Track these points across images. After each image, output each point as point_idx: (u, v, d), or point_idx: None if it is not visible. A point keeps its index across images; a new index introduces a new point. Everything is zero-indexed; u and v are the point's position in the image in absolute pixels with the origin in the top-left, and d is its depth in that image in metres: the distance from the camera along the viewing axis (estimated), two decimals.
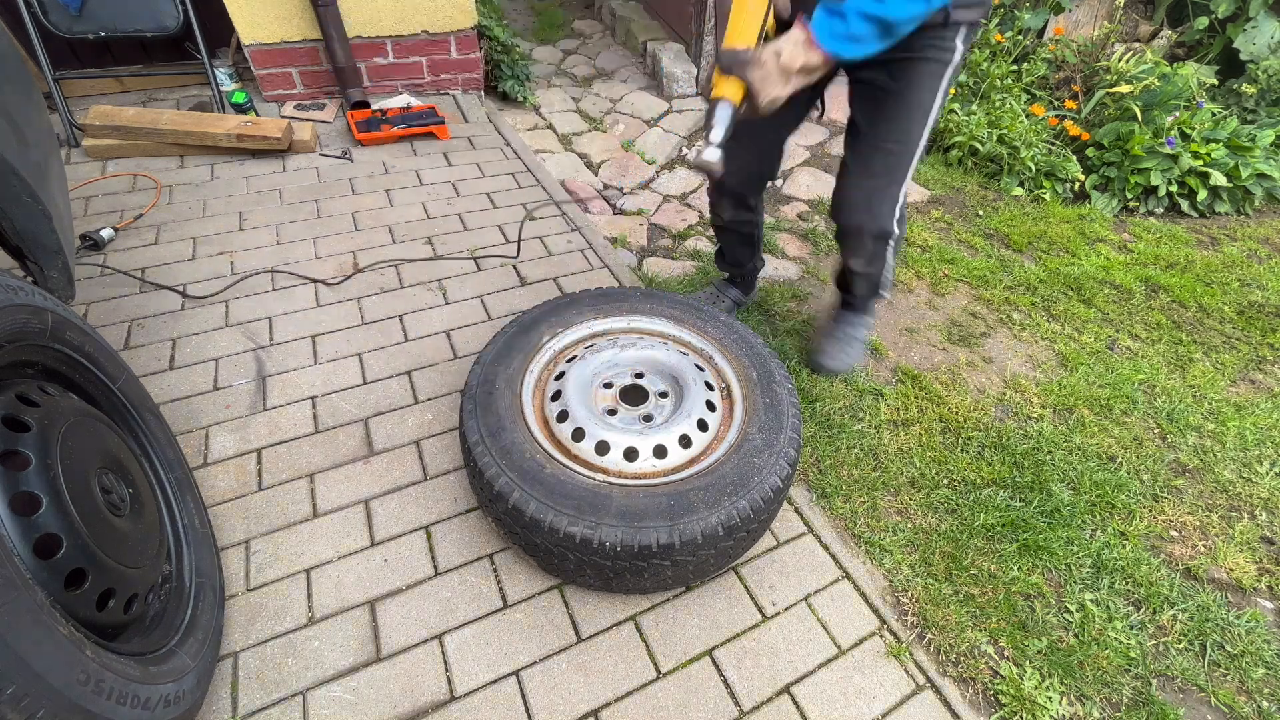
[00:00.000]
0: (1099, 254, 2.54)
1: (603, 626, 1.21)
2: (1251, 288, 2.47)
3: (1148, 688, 1.23)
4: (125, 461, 1.05)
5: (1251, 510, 1.61)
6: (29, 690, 0.65)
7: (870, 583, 1.34)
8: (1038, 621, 1.31)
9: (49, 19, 2.22)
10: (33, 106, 1.31)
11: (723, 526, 1.10)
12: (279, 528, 1.31)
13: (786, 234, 2.49)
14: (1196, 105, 3.06)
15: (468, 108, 2.95)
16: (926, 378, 1.86)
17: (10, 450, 0.82)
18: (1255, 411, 1.88)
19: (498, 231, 2.21)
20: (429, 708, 1.08)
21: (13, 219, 1.17)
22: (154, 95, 2.80)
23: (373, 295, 1.89)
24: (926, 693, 1.18)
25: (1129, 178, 2.86)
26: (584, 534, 1.07)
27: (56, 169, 1.38)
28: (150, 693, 0.83)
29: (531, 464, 1.14)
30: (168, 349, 1.66)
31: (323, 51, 2.66)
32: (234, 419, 1.51)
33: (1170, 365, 2.04)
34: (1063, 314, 2.21)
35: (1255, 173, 2.91)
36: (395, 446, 1.48)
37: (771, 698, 1.15)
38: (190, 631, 1.02)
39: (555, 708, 1.10)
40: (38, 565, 0.79)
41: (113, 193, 2.20)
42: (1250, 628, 1.34)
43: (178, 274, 1.89)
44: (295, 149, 2.50)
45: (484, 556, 1.30)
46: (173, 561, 1.10)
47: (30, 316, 0.92)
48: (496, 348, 1.36)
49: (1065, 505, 1.53)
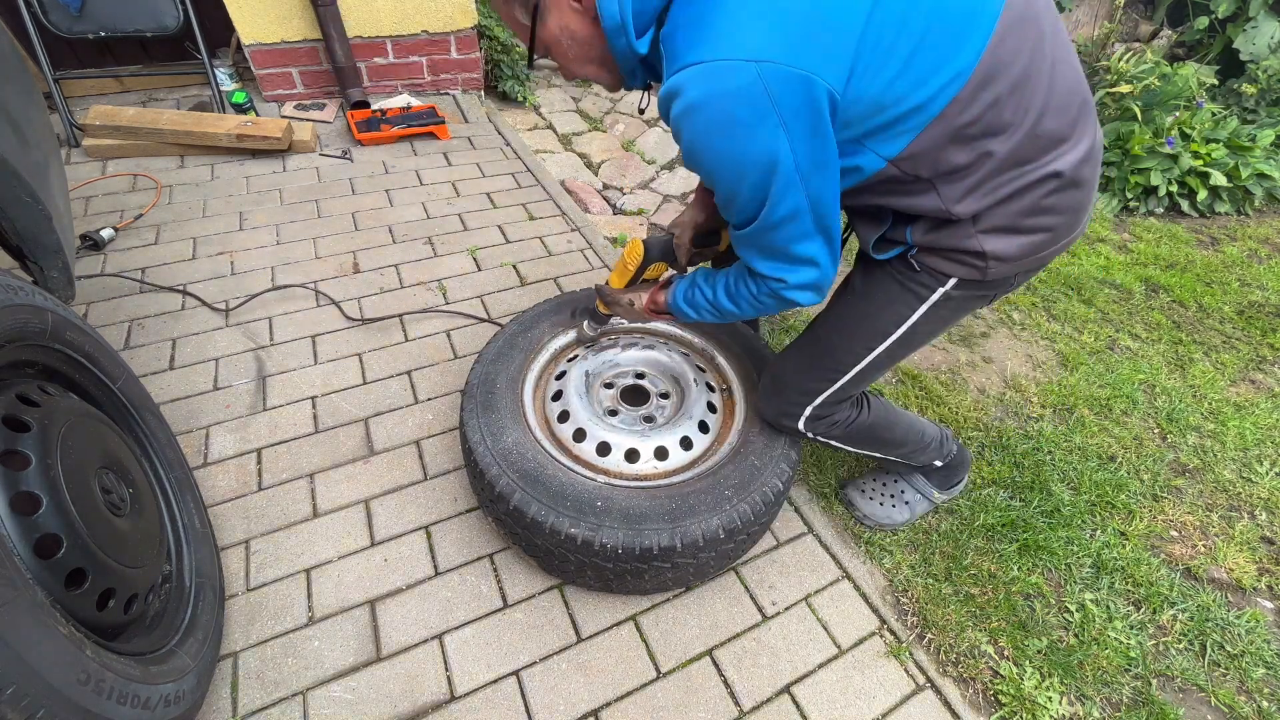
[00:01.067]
0: (1099, 254, 2.54)
1: (603, 626, 1.21)
2: (1251, 288, 2.47)
3: (1148, 688, 1.23)
4: (125, 461, 1.05)
5: (1251, 510, 1.61)
6: (29, 690, 0.65)
7: (870, 582, 1.34)
8: (1038, 621, 1.31)
9: (49, 19, 2.22)
10: (33, 106, 1.31)
11: (723, 529, 1.09)
12: (279, 528, 1.31)
13: None
14: (1196, 105, 3.06)
15: (468, 108, 2.95)
16: (926, 377, 1.86)
17: (10, 450, 0.81)
18: (1255, 411, 1.88)
19: (498, 231, 2.21)
20: (429, 708, 1.08)
21: (13, 219, 1.17)
22: (154, 95, 2.79)
23: (372, 295, 1.89)
24: (926, 693, 1.18)
25: (1129, 177, 2.86)
26: (585, 536, 1.06)
27: (56, 169, 1.37)
28: (150, 692, 0.83)
29: (533, 465, 1.14)
30: (168, 349, 1.66)
31: (323, 51, 2.66)
32: (234, 419, 1.50)
33: (1170, 365, 2.04)
34: (1063, 314, 2.21)
35: (1255, 173, 2.91)
36: (395, 446, 1.48)
37: (771, 698, 1.15)
38: (190, 631, 1.02)
39: (555, 708, 1.10)
40: (38, 565, 0.78)
41: (113, 193, 2.20)
42: (1250, 628, 1.34)
43: (178, 274, 1.89)
44: (295, 149, 2.50)
45: (484, 556, 1.30)
46: (173, 561, 1.10)
47: (30, 316, 0.92)
48: (496, 347, 1.36)
49: (1065, 505, 1.53)
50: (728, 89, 0.71)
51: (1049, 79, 0.79)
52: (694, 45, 0.73)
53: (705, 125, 0.75)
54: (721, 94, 0.72)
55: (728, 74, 0.71)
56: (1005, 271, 0.92)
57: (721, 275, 1.05)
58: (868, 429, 1.21)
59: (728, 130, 0.75)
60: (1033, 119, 0.80)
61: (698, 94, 0.73)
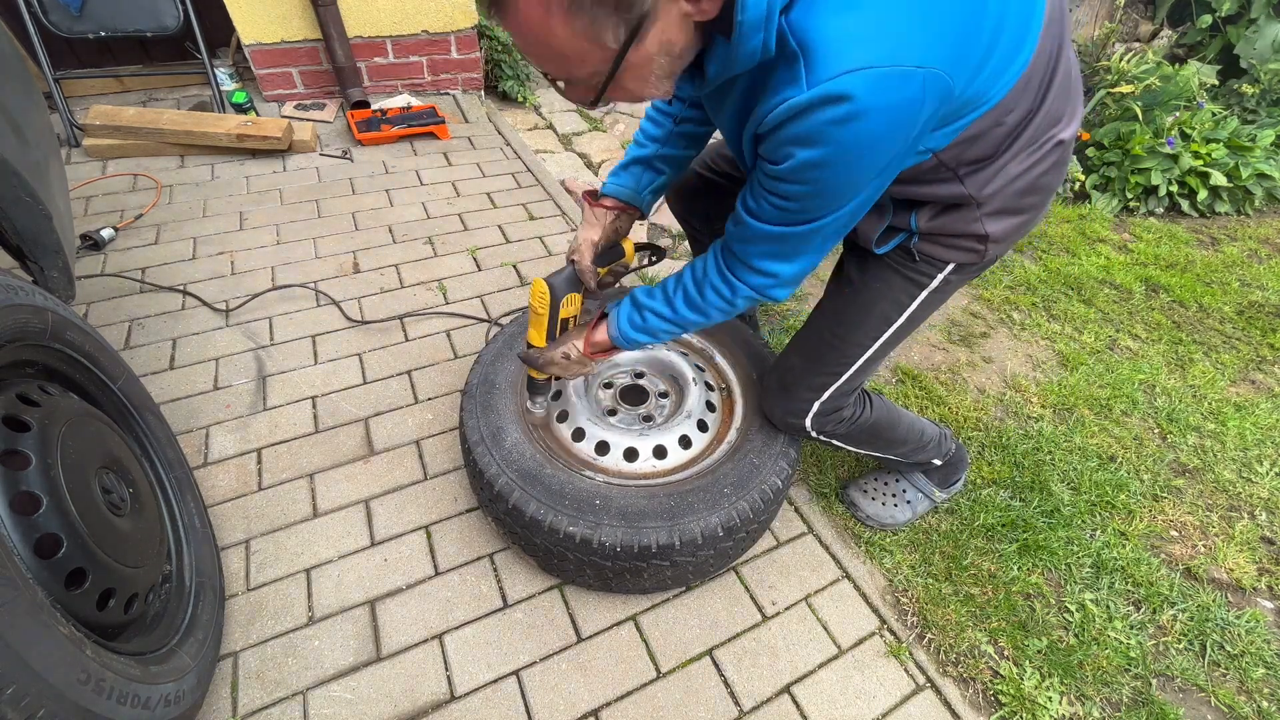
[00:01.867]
0: (1099, 254, 2.54)
1: (603, 626, 1.21)
2: (1251, 288, 2.47)
3: (1148, 688, 1.23)
4: (125, 461, 1.05)
5: (1251, 510, 1.61)
6: (29, 690, 0.65)
7: (870, 582, 1.34)
8: (1038, 621, 1.31)
9: (49, 19, 2.22)
10: (33, 106, 1.31)
11: (722, 527, 1.10)
12: (279, 527, 1.31)
13: None
14: (1197, 105, 3.06)
15: (468, 107, 2.95)
16: (926, 377, 1.86)
17: (10, 450, 0.82)
18: (1255, 411, 1.88)
19: (498, 231, 2.21)
20: (429, 707, 1.08)
21: (13, 219, 1.17)
22: (154, 95, 2.80)
23: (373, 295, 1.89)
24: (926, 692, 1.18)
25: (1129, 177, 2.86)
26: (584, 534, 1.07)
27: (57, 169, 1.38)
28: (150, 692, 0.83)
29: (532, 464, 1.14)
30: (168, 349, 1.66)
31: (323, 51, 2.66)
32: (234, 419, 1.51)
33: (1170, 365, 2.04)
34: (1063, 314, 2.21)
35: (1255, 173, 2.91)
36: (395, 446, 1.48)
37: (771, 697, 1.15)
38: (190, 631, 1.02)
39: (555, 707, 1.10)
40: (38, 565, 0.79)
41: (113, 193, 2.20)
42: (1250, 628, 1.34)
43: (178, 274, 1.89)
44: (295, 149, 2.50)
45: (484, 556, 1.30)
46: (173, 561, 1.10)
47: (31, 316, 0.92)
48: (496, 347, 1.36)
49: (1065, 505, 1.53)
50: (898, 99, 0.64)
51: (1067, 62, 0.81)
52: (854, 44, 0.62)
53: (858, 136, 0.66)
54: (890, 105, 0.64)
55: (902, 83, 0.63)
56: (998, 252, 0.94)
57: (674, 290, 0.98)
58: (870, 427, 1.22)
59: (880, 142, 0.68)
60: (1050, 101, 0.81)
61: (868, 102, 0.63)
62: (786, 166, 0.71)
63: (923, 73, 0.64)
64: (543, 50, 0.64)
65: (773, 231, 0.83)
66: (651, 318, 1.00)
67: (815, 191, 0.75)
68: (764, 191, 0.79)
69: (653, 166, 1.11)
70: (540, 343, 1.10)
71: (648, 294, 1.02)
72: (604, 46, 0.63)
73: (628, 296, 1.05)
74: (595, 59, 0.64)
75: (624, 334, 1.04)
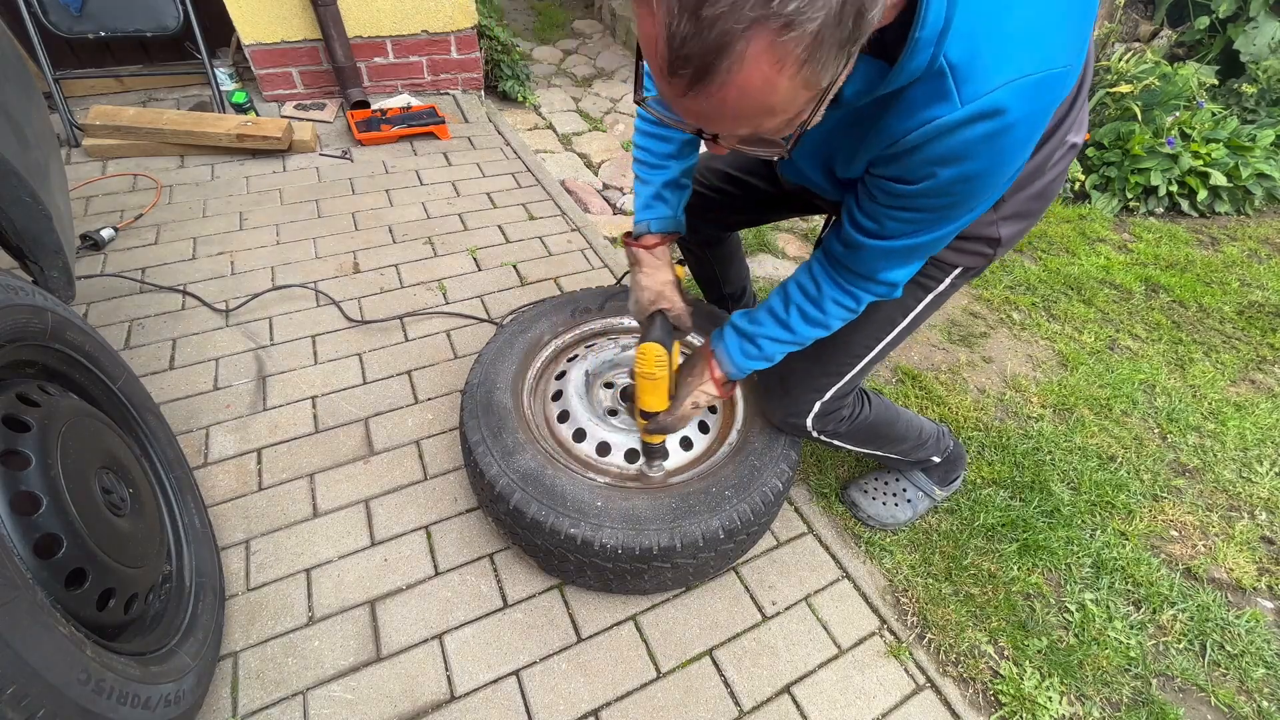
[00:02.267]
0: (1099, 254, 2.54)
1: (603, 626, 1.21)
2: (1251, 288, 2.47)
3: (1148, 687, 1.23)
4: (125, 461, 1.05)
5: (1251, 510, 1.61)
6: (29, 690, 0.65)
7: (870, 582, 1.34)
8: (1038, 621, 1.31)
9: (49, 19, 2.22)
10: (33, 106, 1.31)
11: (723, 529, 1.09)
12: (279, 528, 1.31)
13: (786, 234, 2.49)
14: (1196, 105, 3.06)
15: (468, 107, 2.95)
16: (926, 377, 1.86)
17: (10, 450, 0.81)
18: (1255, 411, 1.88)
19: (498, 231, 2.21)
20: (429, 708, 1.08)
21: (13, 219, 1.17)
22: (154, 95, 2.79)
23: (372, 295, 1.89)
24: (926, 692, 1.18)
25: (1129, 177, 2.86)
26: (585, 536, 1.06)
27: (57, 169, 1.37)
28: (150, 692, 0.83)
29: (533, 465, 1.14)
30: (168, 349, 1.66)
31: (323, 51, 2.66)
32: (234, 419, 1.50)
33: (1170, 365, 2.04)
34: (1063, 314, 2.21)
35: (1255, 173, 2.91)
36: (395, 446, 1.48)
37: (771, 697, 1.15)
38: (190, 631, 1.02)
39: (555, 707, 1.10)
40: (38, 565, 0.78)
41: (113, 193, 2.20)
42: (1250, 628, 1.34)
43: (178, 274, 1.89)
44: (295, 149, 2.50)
45: (484, 556, 1.30)
46: (173, 561, 1.10)
47: (30, 316, 0.92)
48: (496, 347, 1.36)
49: (1065, 505, 1.53)
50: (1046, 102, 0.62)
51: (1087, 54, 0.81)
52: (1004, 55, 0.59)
53: (1007, 146, 0.64)
54: (1038, 109, 0.62)
55: (1052, 85, 0.61)
56: (1001, 255, 0.96)
57: (786, 311, 0.97)
58: (870, 426, 1.22)
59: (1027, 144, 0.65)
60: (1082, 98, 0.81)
61: (1019, 113, 0.61)
62: (928, 184, 0.69)
63: (1067, 70, 0.62)
64: (747, 111, 0.52)
65: (897, 246, 0.80)
66: (767, 344, 1.00)
67: (955, 202, 0.73)
68: (889, 210, 0.76)
69: (678, 184, 1.11)
70: (661, 405, 1.09)
71: (751, 320, 1.02)
72: (816, 88, 0.52)
73: (727, 327, 1.06)
74: (800, 103, 0.54)
75: (740, 366, 1.04)
